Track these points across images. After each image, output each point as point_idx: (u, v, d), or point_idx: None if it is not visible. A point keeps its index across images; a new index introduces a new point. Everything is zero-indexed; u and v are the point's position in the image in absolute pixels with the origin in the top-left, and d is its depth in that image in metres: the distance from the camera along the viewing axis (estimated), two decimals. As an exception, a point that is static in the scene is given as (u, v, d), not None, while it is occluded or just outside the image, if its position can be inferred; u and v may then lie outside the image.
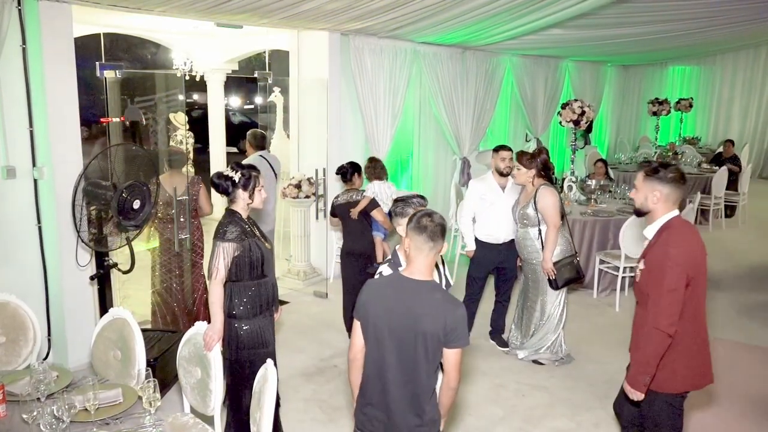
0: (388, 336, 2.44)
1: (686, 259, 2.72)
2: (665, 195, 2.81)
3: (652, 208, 2.86)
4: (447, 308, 2.41)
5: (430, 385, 2.49)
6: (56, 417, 2.39)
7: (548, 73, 10.85)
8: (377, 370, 2.50)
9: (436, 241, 2.43)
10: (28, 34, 4.33)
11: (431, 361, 2.44)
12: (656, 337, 2.75)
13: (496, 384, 4.63)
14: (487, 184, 5.04)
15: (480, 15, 6.14)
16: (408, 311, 2.42)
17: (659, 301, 2.73)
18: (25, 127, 4.45)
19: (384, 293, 2.50)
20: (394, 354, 2.45)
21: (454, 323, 2.38)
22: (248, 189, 3.27)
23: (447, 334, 2.39)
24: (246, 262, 3.23)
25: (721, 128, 14.64)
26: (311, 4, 5.08)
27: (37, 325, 3.44)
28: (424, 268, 2.46)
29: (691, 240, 2.80)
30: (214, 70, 9.30)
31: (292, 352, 5.05)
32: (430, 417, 2.52)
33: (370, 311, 2.49)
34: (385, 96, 7.13)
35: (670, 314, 2.71)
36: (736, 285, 6.91)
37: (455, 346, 2.42)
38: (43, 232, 4.60)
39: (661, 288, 2.72)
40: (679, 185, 2.81)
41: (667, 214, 2.84)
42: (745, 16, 8.69)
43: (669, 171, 2.81)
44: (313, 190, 6.55)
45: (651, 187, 2.84)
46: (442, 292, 2.52)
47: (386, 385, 2.48)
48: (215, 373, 3.00)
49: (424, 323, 2.39)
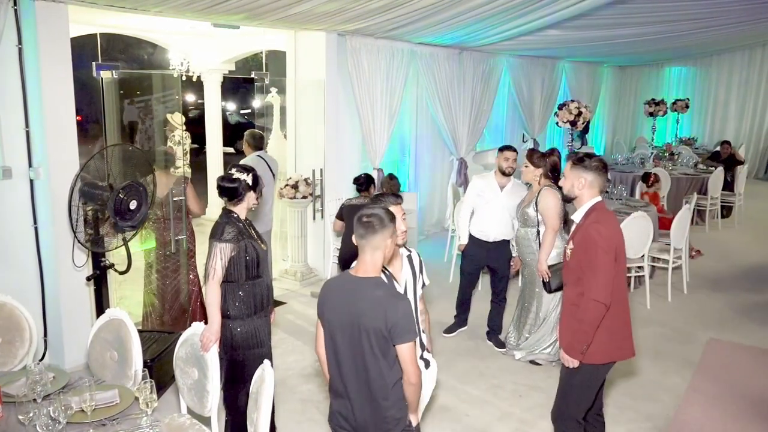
0: (339, 333, 2.49)
1: (612, 237, 3.03)
2: (589, 182, 3.11)
3: (578, 194, 3.16)
4: (388, 304, 2.41)
5: (385, 381, 2.48)
6: (52, 418, 2.38)
7: (545, 73, 10.87)
8: (336, 365, 2.56)
9: (375, 234, 2.44)
10: (25, 34, 4.32)
11: (381, 357, 2.44)
12: (594, 308, 2.98)
13: (494, 384, 4.64)
14: (487, 181, 5.11)
15: (476, 16, 6.15)
16: (352, 309, 2.45)
17: (596, 275, 2.98)
18: (22, 127, 4.44)
19: (334, 292, 2.56)
20: (347, 350, 2.49)
21: (395, 319, 2.38)
22: (257, 190, 3.31)
23: (390, 330, 2.39)
24: (241, 262, 3.23)
25: (718, 129, 14.68)
26: (307, 5, 5.08)
27: (34, 325, 3.44)
28: (369, 265, 2.48)
29: (614, 222, 3.13)
30: (211, 70, 9.29)
31: (289, 352, 5.05)
32: (390, 414, 2.52)
33: (325, 310, 2.55)
34: (382, 96, 7.13)
35: (606, 286, 2.97)
36: (732, 285, 6.92)
37: (401, 341, 2.41)
38: (39, 232, 4.60)
39: (596, 263, 2.98)
40: (601, 173, 3.13)
41: (592, 199, 3.14)
42: (740, 18, 8.72)
43: (593, 160, 3.13)
44: (310, 190, 6.55)
45: (577, 175, 3.14)
46: (385, 288, 2.52)
47: (344, 380, 2.54)
48: (212, 374, 2.99)
49: (366, 320, 2.41)
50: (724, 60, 14.45)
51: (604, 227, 3.01)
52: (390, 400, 2.51)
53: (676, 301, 6.38)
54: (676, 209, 7.54)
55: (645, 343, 5.38)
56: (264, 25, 6.05)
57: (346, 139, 7.04)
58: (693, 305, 6.32)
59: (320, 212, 6.70)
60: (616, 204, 7.09)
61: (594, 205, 3.12)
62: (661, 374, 4.85)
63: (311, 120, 6.78)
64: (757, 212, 10.51)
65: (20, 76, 4.37)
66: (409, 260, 3.01)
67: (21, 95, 4.40)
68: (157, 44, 9.11)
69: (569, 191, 3.20)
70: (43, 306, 4.69)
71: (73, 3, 4.47)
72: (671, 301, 6.38)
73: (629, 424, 4.16)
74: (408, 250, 3.03)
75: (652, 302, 6.23)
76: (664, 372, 4.88)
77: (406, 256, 3.00)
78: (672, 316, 6.03)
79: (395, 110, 7.36)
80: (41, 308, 4.67)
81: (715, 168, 9.66)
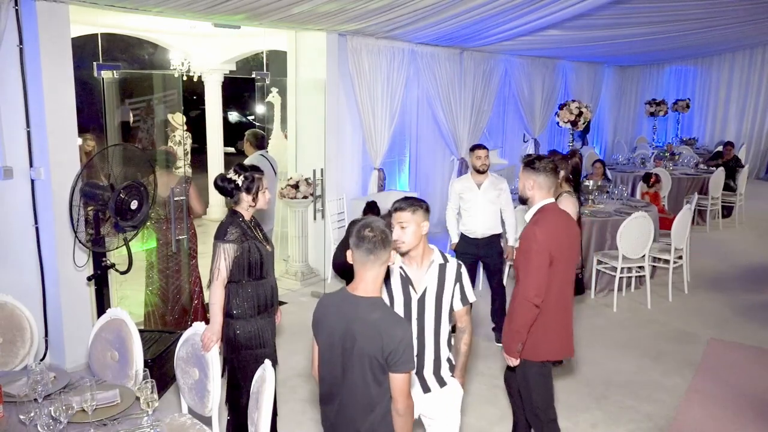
0: (334, 356, 2.33)
1: (549, 240, 3.06)
2: (539, 183, 3.17)
3: (529, 195, 3.22)
4: (384, 328, 2.22)
5: (372, 412, 2.31)
6: (53, 418, 2.38)
7: (546, 73, 10.87)
8: (327, 389, 2.42)
9: (377, 252, 2.25)
10: (25, 34, 4.32)
11: (372, 384, 2.27)
12: (525, 307, 3.07)
13: (494, 384, 4.63)
14: (465, 183, 5.27)
15: (477, 16, 6.15)
16: (348, 331, 2.27)
17: (527, 275, 3.07)
18: (22, 127, 4.44)
19: (330, 311, 2.38)
20: (340, 375, 2.33)
21: (391, 345, 2.19)
22: (251, 192, 3.27)
23: (386, 357, 2.21)
24: (245, 263, 3.23)
25: (718, 129, 14.68)
26: (307, 5, 5.08)
27: (34, 325, 3.44)
28: (368, 284, 2.30)
29: (557, 224, 3.15)
30: (212, 70, 9.29)
31: (290, 353, 5.05)
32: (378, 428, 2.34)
33: (319, 330, 2.40)
34: (382, 96, 7.13)
35: (536, 287, 3.03)
36: (733, 285, 6.92)
37: (397, 370, 2.22)
38: (40, 232, 4.60)
39: (529, 265, 3.07)
40: (551, 175, 3.18)
41: (543, 200, 3.18)
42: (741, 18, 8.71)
43: (543, 163, 3.19)
44: (311, 190, 6.55)
45: (528, 177, 3.20)
46: (384, 309, 2.32)
47: (334, 406, 2.39)
48: (213, 374, 3.00)
49: (361, 344, 2.24)
50: (724, 60, 14.44)
51: (540, 229, 3.07)
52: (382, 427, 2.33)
53: (676, 301, 6.38)
54: (676, 209, 7.54)
55: (645, 343, 5.38)
56: (264, 25, 6.05)
57: (346, 139, 7.04)
58: (694, 305, 6.31)
59: (321, 212, 6.70)
60: (617, 204, 7.10)
61: (542, 207, 3.17)
62: (662, 374, 4.85)
63: (312, 120, 6.78)
64: (758, 212, 10.50)
65: (21, 76, 4.38)
66: (441, 269, 2.79)
67: (22, 95, 4.40)
68: (157, 44, 9.12)
69: (522, 192, 3.27)
70: (44, 306, 4.69)
71: (74, 3, 4.47)
72: (672, 301, 6.38)
73: (629, 424, 4.16)
74: (445, 259, 2.81)
75: (652, 302, 6.23)
76: (665, 372, 4.88)
77: (438, 264, 2.79)
78: (673, 316, 6.03)
79: (396, 110, 7.36)
80: (42, 308, 4.68)
81: (716, 168, 9.66)
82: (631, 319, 5.95)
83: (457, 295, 2.83)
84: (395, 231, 2.67)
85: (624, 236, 5.90)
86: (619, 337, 5.52)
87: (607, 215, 6.59)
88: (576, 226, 3.37)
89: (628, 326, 5.74)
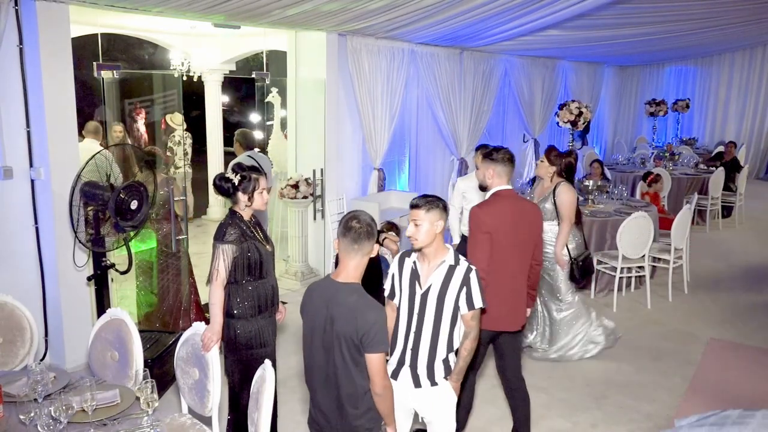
0: (315, 338, 2.50)
1: (485, 219, 3.37)
2: (498, 172, 3.49)
3: (489, 183, 3.55)
4: (359, 311, 2.39)
5: (355, 389, 2.46)
6: (53, 418, 2.39)
7: (545, 73, 10.86)
8: (309, 371, 2.58)
9: (361, 243, 2.44)
10: (26, 34, 4.32)
11: (352, 364, 2.43)
12: None
13: (494, 384, 4.63)
14: (468, 182, 5.26)
15: (477, 16, 6.15)
16: (327, 314, 2.45)
17: (473, 248, 3.40)
18: (23, 127, 4.44)
19: (314, 296, 2.55)
20: (321, 356, 2.49)
21: (365, 327, 2.36)
22: (247, 192, 3.27)
23: (360, 338, 2.37)
24: (244, 263, 3.23)
25: (718, 129, 14.68)
26: (307, 5, 5.08)
27: (34, 325, 3.44)
28: (351, 270, 2.48)
29: (500, 206, 3.44)
30: (212, 70, 9.28)
31: (289, 353, 5.05)
32: (360, 423, 2.49)
33: (305, 313, 2.57)
34: (382, 96, 7.13)
35: (478, 260, 3.27)
36: (733, 285, 6.92)
37: (371, 350, 2.39)
38: (40, 232, 4.60)
39: (473, 239, 3.42)
40: (507, 164, 3.50)
41: (498, 186, 3.51)
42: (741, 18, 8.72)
43: (501, 153, 3.52)
44: (311, 190, 6.55)
45: (487, 166, 3.52)
46: (360, 294, 2.47)
47: (316, 387, 2.54)
48: (213, 374, 3.00)
49: (338, 326, 2.40)
50: (724, 60, 14.44)
51: (482, 210, 3.41)
52: (360, 409, 2.48)
53: (676, 301, 6.38)
54: (676, 209, 7.55)
55: (645, 343, 5.38)
56: (264, 25, 6.05)
57: (346, 139, 7.04)
58: (693, 305, 6.32)
59: (321, 212, 6.70)
60: (617, 204, 7.09)
61: (496, 192, 3.50)
62: (661, 374, 4.85)
63: (312, 120, 6.78)
64: (758, 212, 10.50)
65: (21, 76, 4.38)
66: (450, 270, 2.80)
67: (22, 95, 4.40)
68: (157, 44, 9.11)
69: (482, 180, 3.61)
70: (44, 306, 4.69)
71: (75, 3, 4.47)
72: (672, 300, 6.38)
73: (629, 424, 4.16)
74: (457, 261, 2.82)
75: (652, 302, 6.23)
76: (665, 372, 4.88)
77: (449, 264, 2.81)
78: (672, 316, 6.04)
79: (396, 110, 7.36)
80: (42, 308, 4.68)
81: (716, 168, 9.66)
82: (631, 319, 5.95)
83: (463, 298, 2.81)
84: (409, 227, 2.79)
85: (624, 236, 5.90)
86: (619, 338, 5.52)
87: (607, 215, 6.59)
88: (535, 212, 3.56)
89: (628, 326, 5.74)
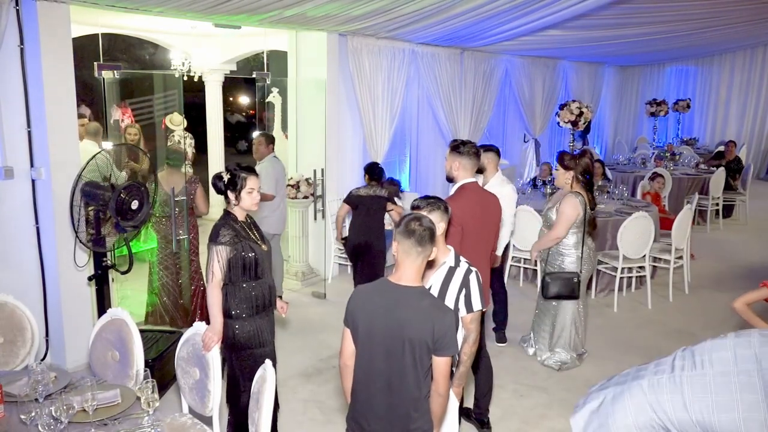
0: (376, 344, 2.41)
1: (456, 212, 3.35)
2: (463, 165, 3.64)
3: (454, 175, 3.68)
4: (435, 315, 2.36)
5: (420, 393, 2.43)
6: (54, 418, 2.38)
7: (546, 73, 10.85)
8: (365, 377, 2.47)
9: (424, 245, 2.38)
10: (26, 34, 4.32)
11: (419, 368, 2.39)
12: None
13: (495, 384, 4.63)
14: None
15: (477, 16, 6.15)
16: (395, 318, 2.37)
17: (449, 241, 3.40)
18: (23, 127, 4.44)
19: (372, 300, 2.46)
20: (383, 361, 2.41)
21: (442, 330, 2.33)
22: (234, 190, 3.26)
23: (436, 341, 2.34)
24: (239, 264, 3.23)
25: (719, 129, 14.66)
26: (308, 6, 5.08)
27: (35, 325, 3.44)
28: (412, 274, 2.41)
29: (467, 199, 3.59)
30: (212, 70, 9.29)
31: (291, 352, 5.05)
32: (419, 425, 2.45)
33: (358, 319, 2.46)
34: (383, 96, 7.13)
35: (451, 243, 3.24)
36: (734, 286, 6.90)
37: (444, 354, 2.37)
38: (41, 232, 4.60)
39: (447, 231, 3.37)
40: (473, 158, 3.64)
41: (464, 180, 3.65)
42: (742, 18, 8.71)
43: (467, 147, 3.64)
44: (312, 190, 6.55)
45: (453, 159, 3.65)
46: (431, 298, 2.46)
47: (374, 393, 2.45)
48: (214, 374, 3.00)
49: (410, 330, 2.34)
50: (725, 60, 14.43)
51: (453, 204, 3.33)
52: (420, 412, 2.45)
53: (677, 301, 6.37)
54: (677, 209, 7.54)
55: (646, 343, 5.38)
56: (265, 25, 6.05)
57: (347, 139, 7.04)
58: (694, 305, 6.31)
59: (321, 212, 6.70)
60: (618, 204, 7.09)
61: (462, 185, 3.64)
62: (663, 374, 4.84)
63: (312, 120, 6.78)
64: (759, 212, 10.49)
65: (22, 76, 4.38)
66: (449, 271, 2.82)
67: (23, 95, 4.40)
68: (158, 44, 9.12)
69: (448, 173, 3.73)
70: (45, 306, 4.69)
71: (75, 3, 4.47)
72: (672, 301, 6.38)
73: (630, 424, 4.15)
74: (457, 263, 2.84)
75: (653, 302, 6.23)
76: (666, 372, 4.87)
77: (449, 266, 2.82)
78: (673, 316, 6.03)
79: (396, 110, 7.36)
80: (43, 308, 4.68)
81: (716, 168, 9.65)
82: (632, 319, 5.95)
83: (462, 300, 2.80)
84: None
85: (624, 236, 5.90)
86: (619, 337, 5.52)
87: (608, 215, 6.58)
88: (495, 204, 3.74)
89: (628, 326, 5.74)
